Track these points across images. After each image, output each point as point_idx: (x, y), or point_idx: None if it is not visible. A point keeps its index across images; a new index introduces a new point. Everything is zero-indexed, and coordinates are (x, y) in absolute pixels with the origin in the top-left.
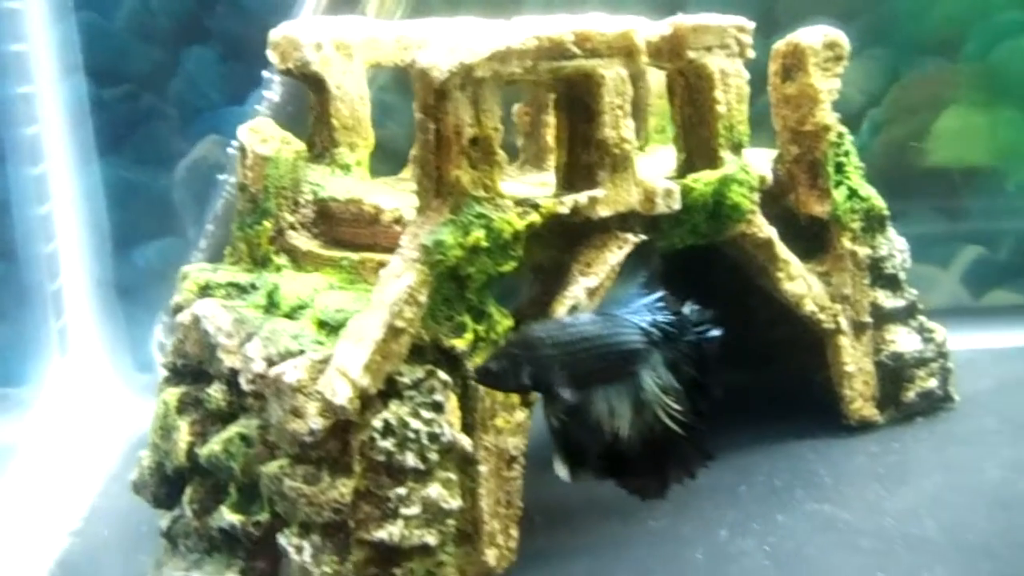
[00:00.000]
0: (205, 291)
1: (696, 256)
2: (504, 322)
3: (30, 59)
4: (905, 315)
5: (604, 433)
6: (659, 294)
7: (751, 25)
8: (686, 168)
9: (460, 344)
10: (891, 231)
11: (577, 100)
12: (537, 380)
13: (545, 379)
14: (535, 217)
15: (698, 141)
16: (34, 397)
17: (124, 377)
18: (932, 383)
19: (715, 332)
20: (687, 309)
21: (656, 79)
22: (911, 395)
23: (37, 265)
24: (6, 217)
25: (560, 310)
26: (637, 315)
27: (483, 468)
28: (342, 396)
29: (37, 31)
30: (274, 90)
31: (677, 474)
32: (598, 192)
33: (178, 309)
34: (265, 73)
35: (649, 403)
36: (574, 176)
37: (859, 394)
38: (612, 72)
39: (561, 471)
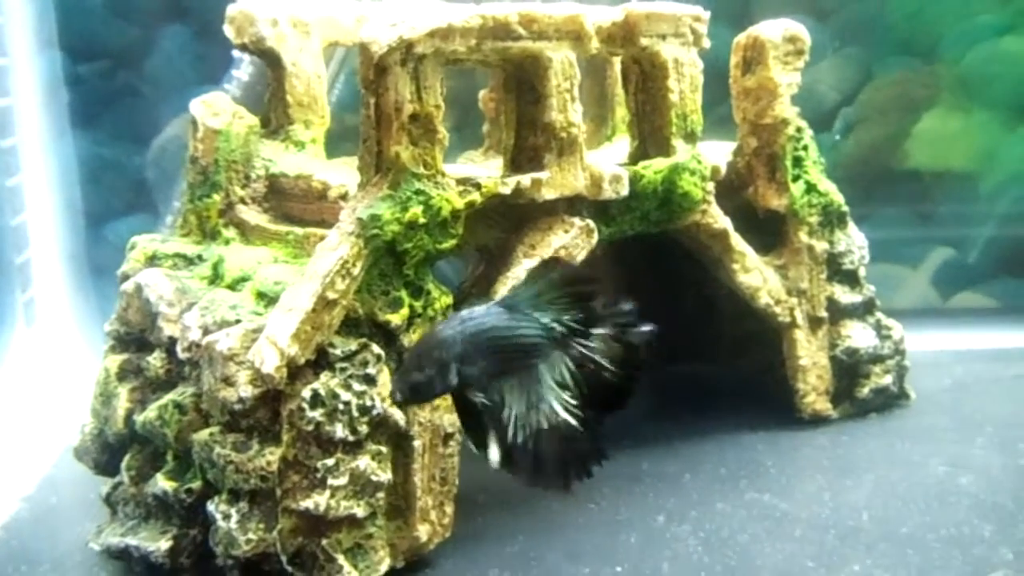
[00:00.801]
0: (152, 261)
1: (660, 252)
2: (443, 299)
3: (5, 32)
4: (862, 311)
5: (494, 423)
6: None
7: (706, 14)
8: (638, 155)
9: (395, 319)
10: (851, 227)
11: (524, 82)
12: (464, 376)
13: (470, 374)
14: (475, 196)
15: (651, 129)
16: None
17: (93, 350)
18: (887, 380)
19: (645, 326)
20: (599, 304)
21: None
22: (865, 391)
23: (4, 237)
24: None
25: (502, 290)
26: (540, 311)
27: (417, 443)
28: (270, 364)
29: (13, 5)
30: (243, 69)
31: (575, 470)
32: (542, 174)
33: (124, 278)
34: (235, 52)
35: (545, 398)
36: (520, 158)
37: (812, 388)
38: (560, 55)
39: (493, 455)
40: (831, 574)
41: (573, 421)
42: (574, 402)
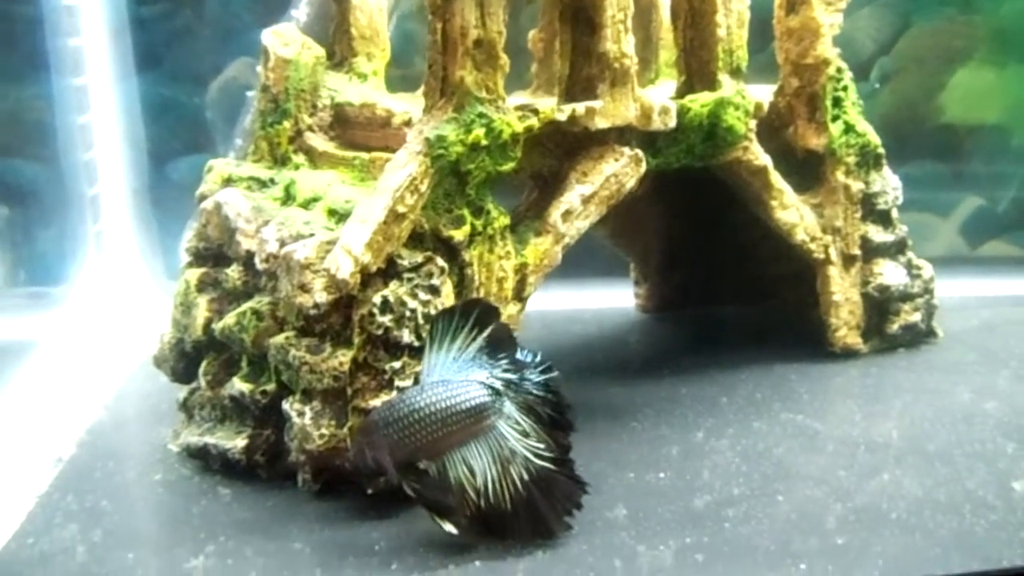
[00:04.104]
0: (228, 183)
1: (696, 199)
2: (501, 219)
3: None
4: (894, 250)
5: (468, 495)
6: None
7: None
8: (685, 90)
9: (458, 235)
10: (886, 168)
11: (581, 13)
12: (381, 462)
13: (389, 458)
14: (533, 122)
15: (698, 64)
16: (72, 295)
17: (156, 282)
18: (916, 317)
19: (554, 372)
20: (520, 355)
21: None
22: (895, 327)
23: (77, 171)
24: (50, 124)
25: (555, 214)
26: (473, 372)
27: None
28: (345, 270)
29: None
30: (301, 9)
31: (564, 508)
32: (596, 103)
33: (203, 198)
34: None
35: (516, 451)
36: (574, 88)
37: (844, 323)
38: None
39: (446, 527)
40: (862, 482)
41: (549, 464)
42: (542, 446)
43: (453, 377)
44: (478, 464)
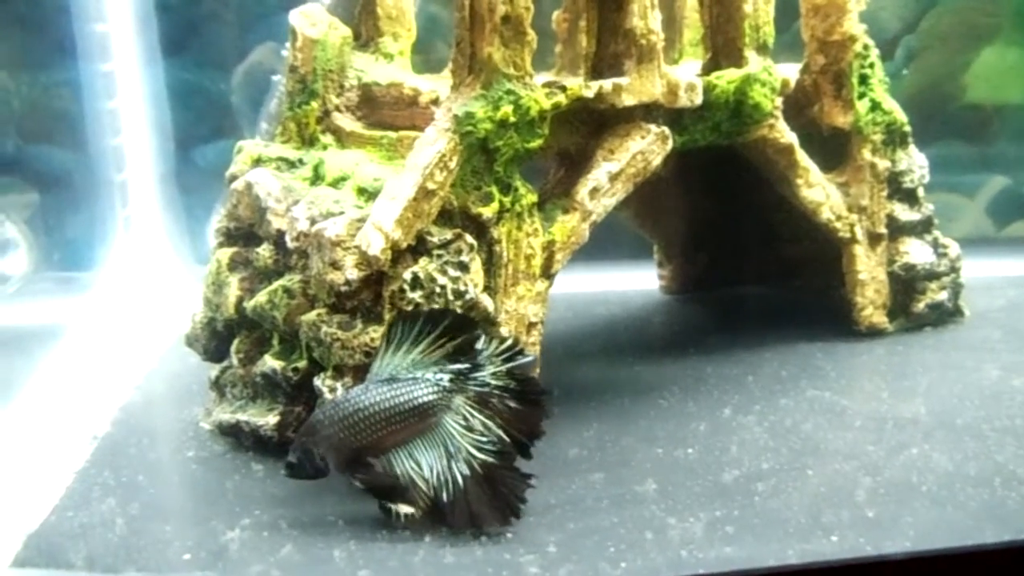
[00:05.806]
0: (258, 163)
1: (720, 181)
2: (529, 196)
3: None
4: (920, 229)
5: (419, 487)
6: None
7: None
8: (711, 66)
9: (487, 212)
10: (912, 147)
11: None
12: (326, 460)
13: (332, 456)
14: (561, 98)
15: (724, 40)
16: (102, 280)
17: (184, 267)
18: (943, 296)
19: (525, 357)
20: (480, 345)
21: None
22: (921, 306)
23: (105, 157)
24: (77, 110)
25: (582, 191)
26: (421, 370)
27: (503, 330)
28: (376, 247)
29: None
30: None
31: (507, 502)
32: (623, 80)
33: (233, 178)
34: None
35: (461, 446)
36: (601, 65)
37: (870, 302)
38: None
39: (402, 511)
40: (891, 456)
41: (492, 459)
42: (486, 439)
43: (401, 375)
44: (424, 459)
